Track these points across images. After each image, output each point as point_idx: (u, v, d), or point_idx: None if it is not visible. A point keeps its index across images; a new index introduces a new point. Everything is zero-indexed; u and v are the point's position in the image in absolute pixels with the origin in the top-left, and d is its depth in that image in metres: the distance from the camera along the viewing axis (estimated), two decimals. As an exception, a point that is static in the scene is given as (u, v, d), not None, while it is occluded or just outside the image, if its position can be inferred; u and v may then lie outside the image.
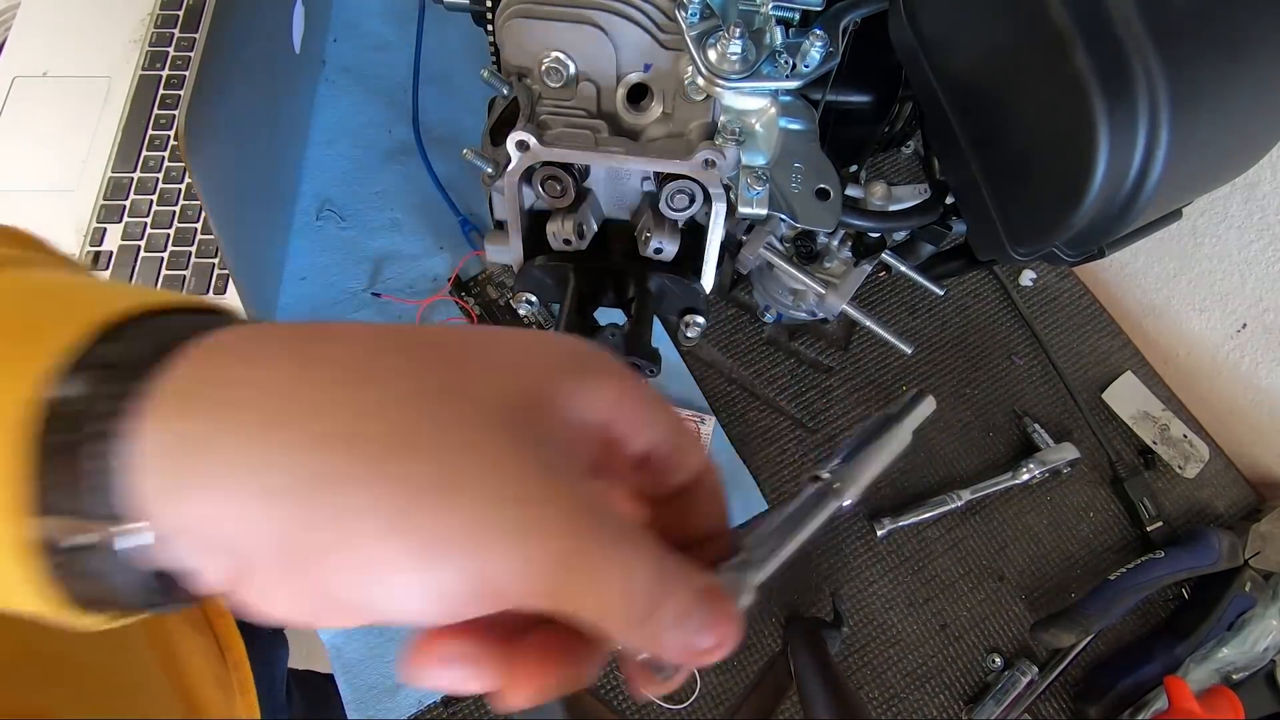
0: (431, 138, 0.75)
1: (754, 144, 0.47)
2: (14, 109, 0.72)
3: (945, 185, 0.50)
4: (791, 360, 0.72)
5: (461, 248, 0.72)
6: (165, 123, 0.72)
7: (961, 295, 0.76)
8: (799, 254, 0.56)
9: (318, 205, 0.73)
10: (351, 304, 0.70)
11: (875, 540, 0.66)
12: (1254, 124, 0.40)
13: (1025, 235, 0.43)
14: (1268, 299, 0.67)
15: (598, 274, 0.44)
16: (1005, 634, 0.64)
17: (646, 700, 0.60)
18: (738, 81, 0.45)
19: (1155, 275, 0.76)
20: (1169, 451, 0.71)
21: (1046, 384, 0.73)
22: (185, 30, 0.76)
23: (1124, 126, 0.35)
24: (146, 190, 0.69)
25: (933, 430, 0.70)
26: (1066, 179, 0.38)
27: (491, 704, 0.19)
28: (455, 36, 0.80)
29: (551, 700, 0.20)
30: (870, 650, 0.63)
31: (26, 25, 0.76)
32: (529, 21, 0.42)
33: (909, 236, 0.55)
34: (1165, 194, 0.38)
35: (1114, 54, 0.35)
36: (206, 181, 0.50)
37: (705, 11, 0.44)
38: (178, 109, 0.63)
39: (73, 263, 0.27)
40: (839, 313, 0.51)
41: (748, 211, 0.46)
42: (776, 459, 0.68)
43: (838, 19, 0.47)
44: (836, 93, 0.51)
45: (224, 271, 0.67)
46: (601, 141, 0.43)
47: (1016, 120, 0.41)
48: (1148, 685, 0.61)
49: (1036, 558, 0.67)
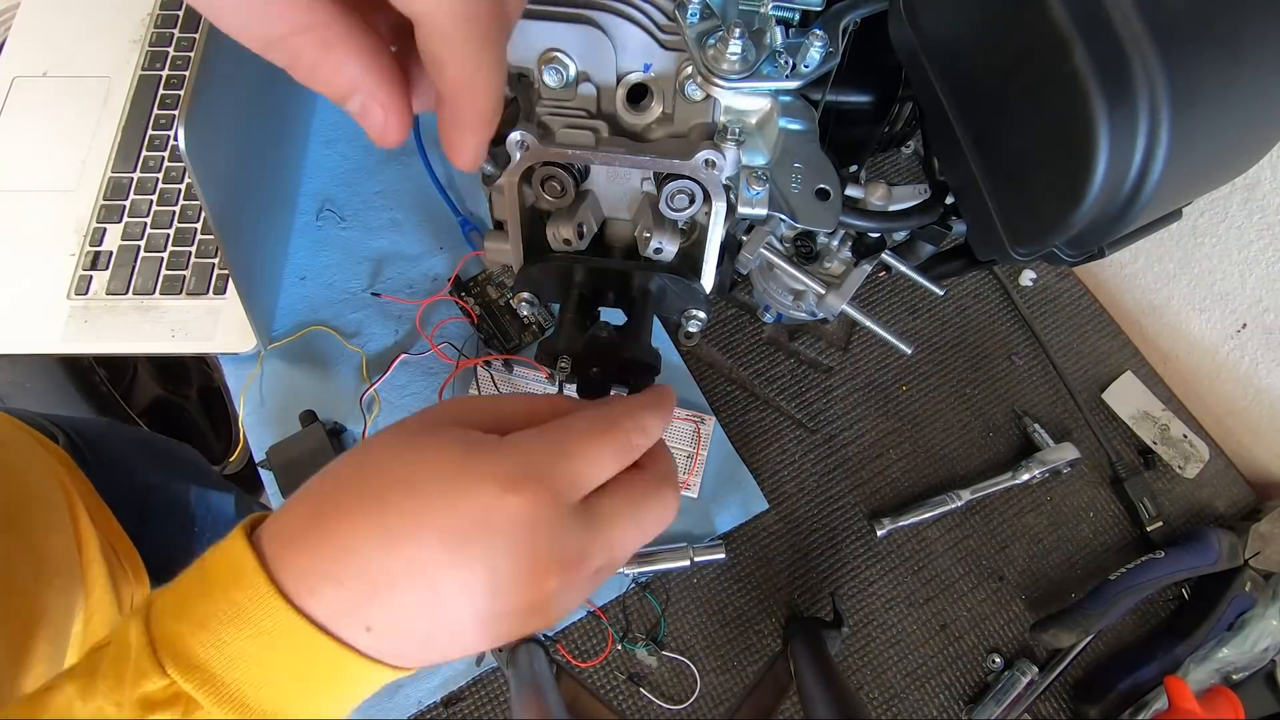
0: (431, 138, 0.75)
1: (754, 144, 0.47)
2: (14, 109, 0.72)
3: (945, 185, 0.50)
4: (791, 360, 0.72)
5: (461, 248, 0.72)
6: (165, 123, 0.72)
7: (961, 295, 0.76)
8: (799, 254, 0.56)
9: (318, 205, 0.73)
10: (351, 304, 0.70)
11: (875, 540, 0.66)
12: (1254, 124, 0.40)
13: (1025, 235, 0.43)
14: (1268, 299, 0.67)
15: (598, 274, 0.44)
16: (1005, 634, 0.64)
17: (647, 702, 0.60)
18: (738, 81, 0.45)
19: (1155, 275, 0.76)
20: (1169, 451, 0.71)
21: (1046, 384, 0.73)
22: (185, 30, 0.76)
23: (1124, 126, 0.35)
24: (146, 190, 0.70)
25: (933, 430, 0.70)
26: (1066, 179, 0.38)
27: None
28: (455, 36, 0.80)
29: (552, 699, 0.21)
30: (870, 650, 0.63)
31: (26, 25, 0.76)
32: (529, 21, 0.42)
33: (909, 236, 0.55)
34: (1165, 194, 0.38)
35: (1114, 54, 0.35)
36: (206, 182, 0.50)
37: (705, 11, 0.44)
38: (178, 109, 0.63)
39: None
40: (839, 313, 0.51)
41: (748, 211, 0.46)
42: (776, 459, 0.68)
43: (838, 19, 0.47)
44: (836, 93, 0.51)
45: (224, 271, 0.67)
46: (601, 141, 0.43)
47: (1017, 120, 0.41)
48: (1148, 685, 0.61)
49: (1036, 558, 0.67)
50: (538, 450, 0.25)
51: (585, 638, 0.62)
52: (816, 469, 0.68)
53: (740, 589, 0.64)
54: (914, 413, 0.71)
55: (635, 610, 0.63)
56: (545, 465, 0.25)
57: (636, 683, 0.61)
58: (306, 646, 0.23)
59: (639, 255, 0.46)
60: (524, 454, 0.25)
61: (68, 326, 0.65)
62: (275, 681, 0.23)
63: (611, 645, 0.61)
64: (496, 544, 0.23)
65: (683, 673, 0.61)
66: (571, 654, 0.61)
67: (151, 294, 0.66)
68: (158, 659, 0.22)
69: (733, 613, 0.63)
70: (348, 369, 0.68)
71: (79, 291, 0.66)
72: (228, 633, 0.22)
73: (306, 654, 0.23)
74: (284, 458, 0.62)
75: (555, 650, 0.61)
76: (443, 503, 0.23)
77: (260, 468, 0.64)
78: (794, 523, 0.67)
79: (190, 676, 0.22)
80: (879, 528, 0.66)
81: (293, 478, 0.62)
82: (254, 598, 0.23)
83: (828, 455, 0.69)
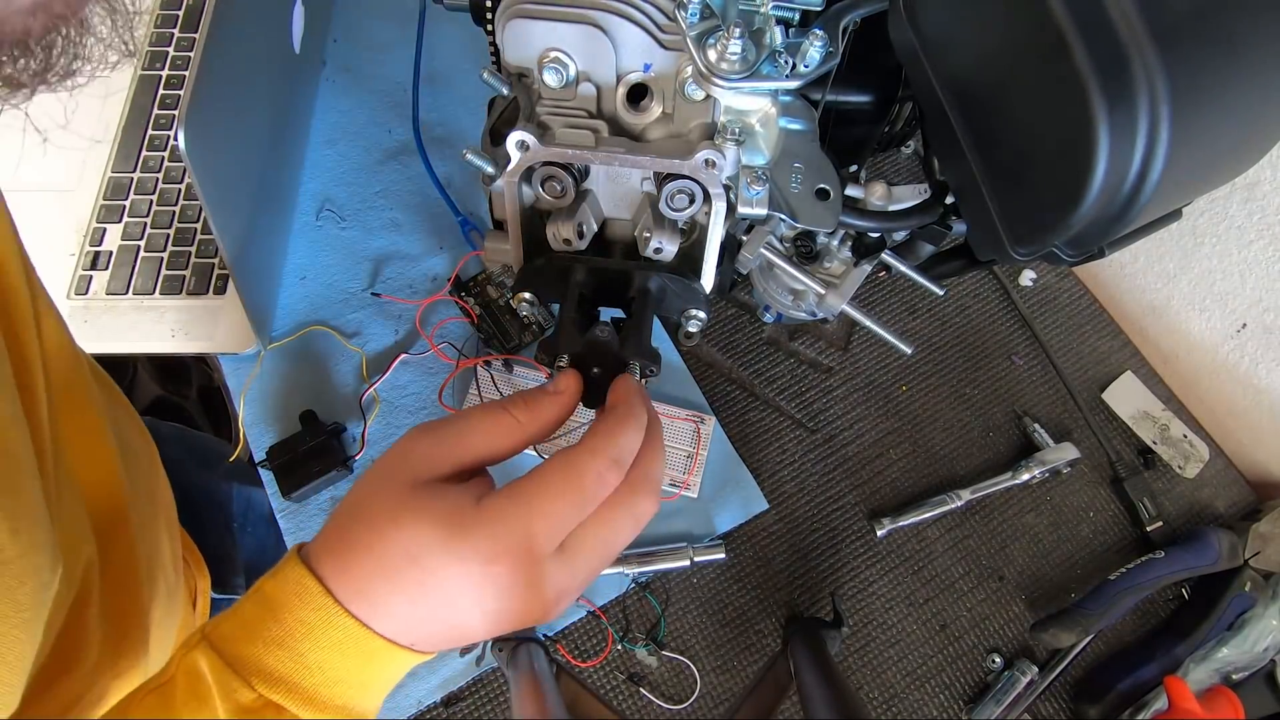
0: (431, 138, 0.75)
1: (754, 144, 0.47)
2: (14, 109, 0.72)
3: (945, 185, 0.50)
4: (791, 360, 0.72)
5: (461, 248, 0.72)
6: (165, 123, 0.72)
7: (961, 295, 0.76)
8: (799, 254, 0.56)
9: (318, 205, 0.73)
10: (351, 304, 0.70)
11: (875, 540, 0.66)
12: (1254, 124, 0.40)
13: (1025, 235, 0.43)
14: (1268, 299, 0.67)
15: (598, 274, 0.44)
16: (1005, 634, 0.64)
17: (647, 702, 0.60)
18: (737, 81, 0.45)
19: (1155, 275, 0.76)
20: (1169, 451, 0.71)
21: (1046, 384, 0.73)
22: (185, 30, 0.76)
23: (1124, 126, 0.35)
24: (146, 190, 0.70)
25: (933, 430, 0.70)
26: (1066, 179, 0.38)
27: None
28: (455, 36, 0.80)
29: (552, 699, 0.23)
30: (870, 650, 0.63)
31: (26, 25, 0.76)
32: (529, 21, 0.42)
33: (909, 236, 0.55)
34: (1165, 194, 0.38)
35: (1114, 54, 0.35)
36: (206, 182, 0.50)
37: (705, 11, 0.44)
38: (178, 109, 0.63)
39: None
40: (839, 313, 0.51)
41: (748, 211, 0.46)
42: (776, 459, 0.69)
43: (838, 19, 0.47)
44: (836, 93, 0.51)
45: (224, 271, 0.67)
46: (601, 141, 0.43)
47: (1016, 120, 0.41)
48: (1148, 685, 0.61)
49: (1036, 558, 0.67)
50: (510, 518, 0.29)
51: (585, 638, 0.62)
52: (816, 469, 0.69)
53: (740, 589, 0.64)
54: (914, 413, 0.71)
55: (635, 610, 0.63)
56: (520, 535, 0.29)
57: (636, 683, 0.61)
58: (369, 650, 0.28)
59: (639, 255, 0.46)
60: (499, 526, 0.29)
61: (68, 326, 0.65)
62: (344, 680, 0.28)
63: (611, 645, 0.61)
64: (488, 597, 0.29)
65: (683, 673, 0.61)
66: (571, 654, 0.61)
67: (151, 294, 0.66)
68: (243, 677, 0.27)
69: (733, 613, 0.63)
70: (347, 369, 0.68)
71: (79, 291, 0.66)
72: (303, 647, 0.28)
73: (368, 655, 0.28)
74: (284, 458, 0.62)
75: (555, 650, 0.61)
76: (440, 572, 0.28)
77: (260, 468, 0.64)
78: (794, 523, 0.67)
79: (275, 688, 0.27)
80: (879, 528, 0.66)
81: (293, 478, 0.62)
82: (324, 616, 0.28)
83: (828, 455, 0.69)
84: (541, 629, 0.61)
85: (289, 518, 0.63)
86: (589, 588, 0.33)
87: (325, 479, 0.62)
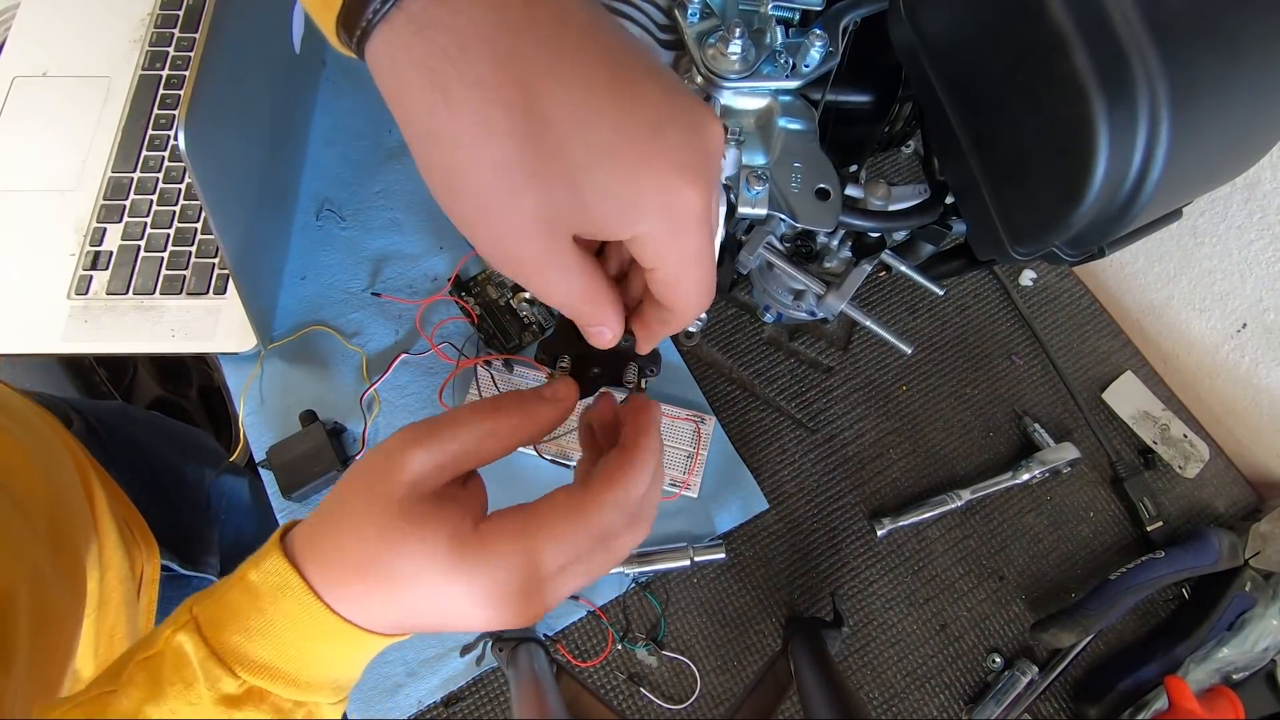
0: (431, 138, 0.75)
1: (754, 144, 0.47)
2: (14, 109, 0.72)
3: (945, 185, 0.50)
4: (791, 360, 0.72)
5: (461, 248, 0.72)
6: (165, 123, 0.72)
7: (961, 295, 0.76)
8: (799, 254, 0.56)
9: (318, 205, 0.73)
10: (351, 304, 0.70)
11: (875, 540, 0.66)
12: (1254, 124, 0.40)
13: (1025, 235, 0.43)
14: (1268, 299, 0.67)
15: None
16: (1005, 634, 0.64)
17: (647, 702, 0.60)
18: (737, 81, 0.45)
19: (1155, 275, 0.76)
20: (1169, 451, 0.71)
21: (1046, 384, 0.73)
22: (185, 30, 0.76)
23: (1124, 126, 0.35)
24: (146, 190, 0.70)
25: (933, 430, 0.70)
26: (1066, 179, 0.38)
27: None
28: (455, 36, 0.80)
29: (552, 699, 0.22)
30: (870, 650, 0.63)
31: (26, 25, 0.76)
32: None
33: (909, 236, 0.55)
34: (1165, 194, 0.38)
35: (1114, 54, 0.35)
36: (206, 182, 0.50)
37: (705, 11, 0.44)
38: (178, 109, 0.63)
39: None
40: (839, 313, 0.51)
41: (748, 211, 0.46)
42: (776, 459, 0.69)
43: (838, 19, 0.47)
44: (836, 93, 0.51)
45: (224, 271, 0.67)
46: (601, 141, 0.43)
47: (1017, 120, 0.41)
48: (1148, 685, 0.61)
49: (1036, 558, 0.67)
50: (511, 554, 0.29)
51: (585, 638, 0.62)
52: (816, 469, 0.69)
53: (740, 589, 0.64)
54: (914, 413, 0.71)
55: (635, 610, 0.63)
56: (521, 574, 0.29)
57: (636, 682, 0.61)
58: (345, 637, 0.30)
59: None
60: (501, 561, 0.29)
61: (68, 326, 0.65)
62: (321, 663, 0.30)
63: (611, 645, 0.61)
64: (486, 613, 0.29)
65: (683, 672, 0.61)
66: (571, 654, 0.61)
67: (151, 294, 0.66)
68: (227, 665, 0.29)
69: (733, 613, 0.63)
70: (348, 369, 0.68)
71: (79, 291, 0.66)
72: (286, 637, 0.29)
73: (343, 641, 0.30)
74: (284, 458, 0.62)
75: (555, 650, 0.61)
76: (439, 589, 0.29)
77: (260, 467, 0.64)
78: (794, 523, 0.67)
79: (259, 674, 0.29)
80: (879, 528, 0.66)
81: (293, 478, 0.62)
82: (304, 608, 0.29)
83: (828, 455, 0.69)
84: (541, 629, 0.61)
85: (289, 517, 0.63)
86: (589, 588, 0.33)
87: (325, 479, 0.62)
